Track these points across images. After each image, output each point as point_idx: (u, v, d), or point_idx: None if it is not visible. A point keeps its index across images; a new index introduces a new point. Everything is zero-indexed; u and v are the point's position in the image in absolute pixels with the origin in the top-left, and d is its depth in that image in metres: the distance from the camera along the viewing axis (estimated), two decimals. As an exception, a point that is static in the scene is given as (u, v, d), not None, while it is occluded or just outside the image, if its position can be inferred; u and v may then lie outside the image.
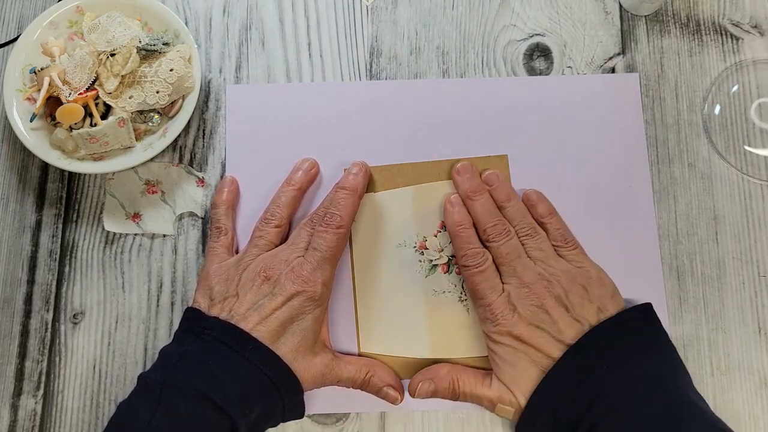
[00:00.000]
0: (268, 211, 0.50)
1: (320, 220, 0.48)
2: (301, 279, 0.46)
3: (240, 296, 0.46)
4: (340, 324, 0.50)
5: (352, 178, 0.50)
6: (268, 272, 0.46)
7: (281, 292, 0.45)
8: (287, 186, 0.51)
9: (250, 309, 0.45)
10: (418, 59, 0.56)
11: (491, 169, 0.52)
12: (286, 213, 0.50)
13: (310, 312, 0.46)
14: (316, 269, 0.46)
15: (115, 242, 0.52)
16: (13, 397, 0.50)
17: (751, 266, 0.51)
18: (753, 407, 0.49)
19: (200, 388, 0.42)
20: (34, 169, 0.54)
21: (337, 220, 0.47)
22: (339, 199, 0.48)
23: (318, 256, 0.46)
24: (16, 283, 0.52)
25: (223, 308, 0.46)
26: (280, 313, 0.45)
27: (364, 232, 0.52)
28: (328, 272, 0.47)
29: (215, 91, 0.55)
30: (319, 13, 0.57)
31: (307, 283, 0.46)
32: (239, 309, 0.45)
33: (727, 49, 0.56)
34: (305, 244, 0.48)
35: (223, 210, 0.51)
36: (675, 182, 0.53)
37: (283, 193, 0.51)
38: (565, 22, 0.56)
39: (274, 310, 0.45)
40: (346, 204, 0.48)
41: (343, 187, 0.49)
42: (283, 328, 0.45)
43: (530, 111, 0.54)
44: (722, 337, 0.50)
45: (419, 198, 0.52)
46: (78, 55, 0.51)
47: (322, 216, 0.48)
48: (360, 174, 0.50)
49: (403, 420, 0.49)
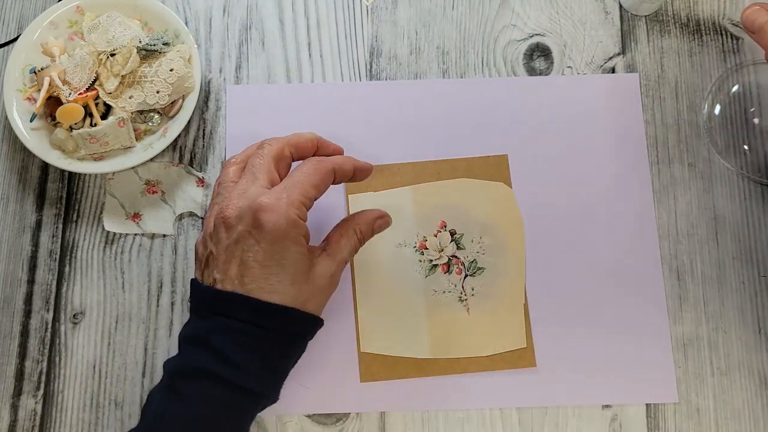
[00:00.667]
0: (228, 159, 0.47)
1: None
2: (258, 205, 0.41)
3: (214, 252, 0.42)
4: (340, 324, 0.50)
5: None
6: (225, 213, 0.42)
7: (245, 229, 0.41)
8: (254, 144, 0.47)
9: (225, 262, 0.41)
10: (418, 59, 0.56)
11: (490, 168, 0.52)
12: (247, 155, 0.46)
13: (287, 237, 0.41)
14: (280, 194, 0.41)
15: (115, 242, 0.52)
16: (13, 397, 0.50)
17: (751, 266, 0.51)
18: (753, 407, 0.49)
19: (205, 367, 0.40)
20: (34, 169, 0.54)
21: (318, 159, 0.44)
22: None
23: (287, 183, 0.42)
24: (16, 283, 0.52)
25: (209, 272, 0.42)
26: (253, 253, 0.41)
27: None
28: (297, 196, 0.42)
29: (215, 91, 0.55)
30: (319, 13, 0.57)
31: (267, 208, 0.41)
32: (218, 266, 0.42)
33: (727, 49, 0.56)
34: (264, 170, 0.43)
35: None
36: (675, 182, 0.53)
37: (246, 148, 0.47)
38: (565, 22, 0.56)
39: (245, 251, 0.41)
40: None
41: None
42: (266, 268, 0.41)
43: (530, 111, 0.54)
44: (722, 337, 0.50)
45: (419, 198, 0.52)
46: (78, 55, 0.51)
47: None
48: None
49: (403, 420, 0.49)
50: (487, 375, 0.49)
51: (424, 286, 0.51)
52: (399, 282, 0.51)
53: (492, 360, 0.49)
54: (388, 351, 0.50)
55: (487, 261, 0.51)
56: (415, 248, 0.51)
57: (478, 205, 0.52)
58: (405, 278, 0.51)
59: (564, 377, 0.49)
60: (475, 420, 0.49)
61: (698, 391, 0.49)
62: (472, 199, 0.52)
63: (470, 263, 0.51)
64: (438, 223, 0.52)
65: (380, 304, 0.50)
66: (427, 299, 0.50)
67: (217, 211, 0.43)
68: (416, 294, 0.51)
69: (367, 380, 0.49)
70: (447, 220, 0.52)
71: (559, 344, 0.50)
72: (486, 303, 0.50)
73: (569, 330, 0.50)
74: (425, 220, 0.52)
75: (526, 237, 0.52)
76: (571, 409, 0.49)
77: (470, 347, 0.50)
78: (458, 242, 0.51)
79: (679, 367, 0.50)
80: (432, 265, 0.51)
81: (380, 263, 0.51)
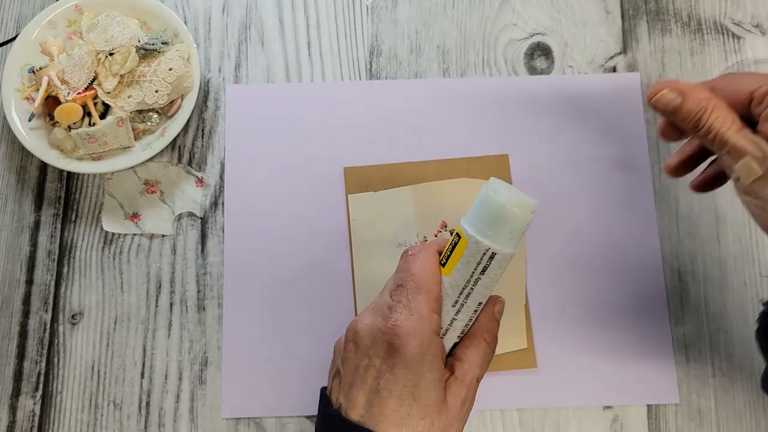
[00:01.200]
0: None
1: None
2: (392, 326, 0.37)
3: (341, 371, 0.39)
4: (339, 324, 0.50)
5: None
6: (356, 329, 0.39)
7: (377, 354, 0.37)
8: None
9: (352, 387, 0.38)
10: (418, 58, 0.56)
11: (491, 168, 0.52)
12: None
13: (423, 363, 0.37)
14: (406, 308, 0.38)
15: (113, 242, 0.52)
16: (11, 397, 0.50)
17: (752, 266, 0.51)
18: (755, 408, 0.49)
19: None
20: (32, 168, 0.54)
21: (418, 249, 0.40)
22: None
23: (406, 292, 0.38)
24: (14, 283, 0.52)
25: (338, 392, 0.39)
26: (384, 381, 0.37)
27: (364, 231, 0.51)
28: (423, 307, 0.38)
29: (214, 91, 0.55)
30: (319, 13, 0.57)
31: (400, 329, 0.37)
32: (344, 390, 0.38)
33: (729, 48, 0.55)
34: (393, 281, 0.40)
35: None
36: (676, 182, 0.53)
37: None
38: (566, 21, 0.56)
39: (375, 379, 0.37)
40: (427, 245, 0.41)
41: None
42: (397, 399, 0.37)
43: (532, 110, 0.54)
44: (724, 337, 0.50)
45: (419, 197, 0.52)
46: (77, 55, 0.51)
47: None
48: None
49: (403, 421, 0.49)
50: (487, 375, 0.49)
51: None
52: None
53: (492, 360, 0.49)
54: None
55: (488, 261, 0.51)
56: None
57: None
58: None
59: (565, 378, 0.49)
60: (476, 421, 0.49)
61: (699, 392, 0.49)
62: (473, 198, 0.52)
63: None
64: (438, 223, 0.52)
65: None
66: None
67: (352, 324, 0.39)
68: None
69: None
70: (447, 220, 0.52)
71: (559, 345, 0.50)
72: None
73: (570, 331, 0.50)
74: (426, 219, 0.52)
75: (526, 238, 0.52)
76: (572, 410, 0.49)
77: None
78: None
79: (681, 368, 0.49)
80: (432, 265, 0.51)
81: (380, 263, 0.51)
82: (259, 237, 0.52)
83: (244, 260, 0.51)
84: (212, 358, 0.50)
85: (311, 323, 0.50)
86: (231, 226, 0.52)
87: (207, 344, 0.50)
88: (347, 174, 0.53)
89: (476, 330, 0.41)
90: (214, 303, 0.51)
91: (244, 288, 0.51)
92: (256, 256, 0.51)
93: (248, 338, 0.50)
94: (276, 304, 0.51)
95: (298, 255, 0.51)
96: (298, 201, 0.52)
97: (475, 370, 0.39)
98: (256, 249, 0.51)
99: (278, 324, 0.50)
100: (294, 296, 0.51)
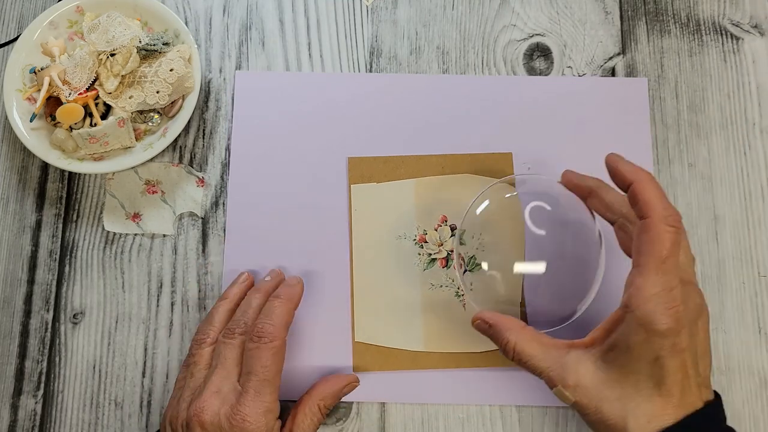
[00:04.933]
0: (199, 330, 0.46)
1: (249, 332, 0.43)
2: (241, 419, 0.40)
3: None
4: (335, 313, 0.50)
5: (288, 290, 0.46)
6: (201, 416, 0.40)
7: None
8: (221, 301, 0.47)
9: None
10: (418, 59, 0.56)
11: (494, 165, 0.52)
12: (220, 329, 0.46)
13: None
14: (255, 399, 0.41)
15: (115, 242, 0.52)
16: (13, 396, 0.50)
17: (751, 266, 0.51)
18: (753, 408, 0.49)
19: None
20: (34, 169, 0.54)
21: (270, 333, 0.42)
22: (273, 308, 0.44)
23: (255, 382, 0.41)
24: (16, 283, 0.52)
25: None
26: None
27: (365, 222, 0.52)
28: (269, 398, 0.41)
29: (215, 91, 0.55)
30: (319, 13, 0.57)
31: (249, 423, 0.40)
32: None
33: (727, 49, 0.56)
34: (234, 363, 0.43)
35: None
36: (675, 182, 0.53)
37: (216, 310, 0.47)
38: (565, 22, 0.56)
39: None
40: (281, 312, 0.44)
41: (278, 296, 0.45)
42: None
43: (538, 111, 0.54)
44: (722, 337, 0.50)
45: (421, 191, 0.52)
46: (78, 55, 0.51)
47: (251, 329, 0.43)
48: (298, 286, 0.47)
49: (403, 420, 0.49)
50: (487, 372, 0.50)
51: (421, 280, 0.51)
52: (397, 274, 0.51)
53: (486, 357, 0.50)
54: (381, 342, 0.50)
55: (487, 258, 0.51)
56: (415, 241, 0.51)
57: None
58: (403, 270, 0.51)
59: (564, 377, 0.49)
60: (475, 419, 0.49)
61: (698, 391, 0.49)
62: (475, 195, 0.52)
63: (469, 259, 0.51)
64: (439, 218, 0.52)
65: (376, 295, 0.51)
66: (423, 293, 0.50)
67: (193, 407, 0.41)
68: (413, 287, 0.51)
69: (360, 370, 0.49)
70: (448, 214, 0.52)
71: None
72: (483, 300, 0.50)
73: (566, 329, 0.50)
74: (426, 213, 0.52)
75: (525, 237, 0.52)
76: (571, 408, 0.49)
77: (465, 343, 0.50)
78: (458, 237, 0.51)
79: (679, 367, 0.50)
80: (431, 259, 0.51)
81: (379, 254, 0.51)
82: (259, 230, 0.52)
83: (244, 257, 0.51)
84: (213, 358, 0.50)
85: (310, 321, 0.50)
86: (232, 221, 0.52)
87: (208, 343, 0.50)
88: (351, 164, 0.53)
89: (314, 396, 0.45)
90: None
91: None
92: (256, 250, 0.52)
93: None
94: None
95: (299, 250, 0.52)
96: (300, 189, 0.53)
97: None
98: (256, 242, 0.52)
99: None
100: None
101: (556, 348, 0.40)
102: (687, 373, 0.36)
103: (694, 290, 0.39)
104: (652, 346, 0.36)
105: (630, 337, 0.36)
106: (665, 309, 0.35)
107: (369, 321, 0.50)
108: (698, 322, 0.38)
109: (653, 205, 0.37)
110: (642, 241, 0.37)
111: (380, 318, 0.50)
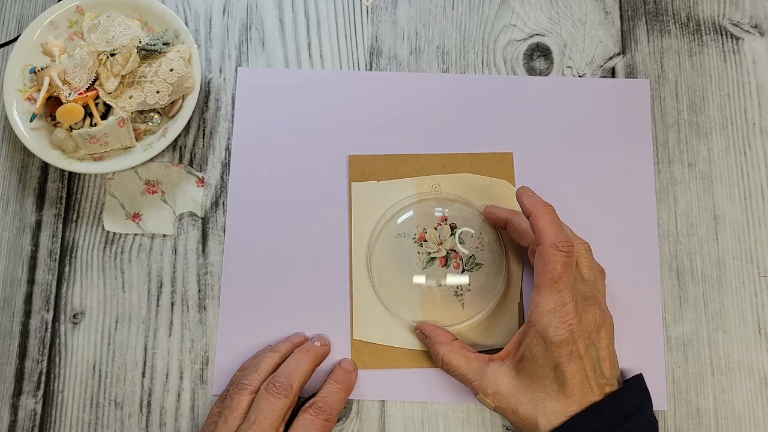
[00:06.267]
0: (244, 375, 0.46)
1: (306, 404, 0.45)
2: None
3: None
4: (334, 310, 0.50)
5: (346, 376, 0.48)
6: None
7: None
8: (271, 352, 0.48)
9: None
10: (418, 59, 0.56)
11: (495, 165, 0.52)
12: (263, 379, 0.46)
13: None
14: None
15: (115, 242, 0.52)
16: (12, 397, 0.50)
17: (751, 266, 0.51)
18: (753, 407, 0.49)
19: None
20: (34, 169, 0.54)
21: (325, 411, 0.45)
22: (332, 393, 0.46)
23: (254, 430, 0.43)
24: (16, 283, 0.52)
25: None
26: None
27: (365, 219, 0.52)
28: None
29: (215, 91, 0.55)
30: (319, 13, 0.57)
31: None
32: None
33: (727, 49, 0.56)
34: (272, 426, 0.44)
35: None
36: (675, 182, 0.53)
37: (263, 359, 0.47)
38: (565, 22, 0.56)
39: None
40: (338, 400, 0.46)
41: (337, 381, 0.47)
42: None
43: (539, 112, 0.54)
44: (722, 337, 0.50)
45: (422, 190, 0.52)
46: (78, 55, 0.51)
47: (313, 402, 0.45)
48: (354, 373, 0.49)
49: (403, 420, 0.49)
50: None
51: (420, 278, 0.51)
52: (396, 272, 0.51)
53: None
54: (379, 340, 0.50)
55: (486, 258, 0.51)
56: (414, 240, 0.51)
57: (480, 201, 0.52)
58: (402, 268, 0.51)
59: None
60: (475, 419, 0.49)
61: (698, 391, 0.49)
62: (475, 194, 0.52)
63: (468, 258, 0.51)
64: (439, 217, 0.52)
65: (375, 293, 0.51)
66: (422, 291, 0.50)
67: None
68: (412, 285, 0.51)
69: (358, 368, 0.49)
70: (448, 214, 0.52)
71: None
72: (481, 299, 0.50)
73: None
74: (426, 212, 0.52)
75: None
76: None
77: (464, 342, 0.50)
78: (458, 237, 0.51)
79: (679, 367, 0.50)
80: (430, 257, 0.51)
81: (379, 252, 0.51)
82: (259, 230, 0.52)
83: (244, 257, 0.51)
84: (213, 358, 0.50)
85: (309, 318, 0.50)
86: (232, 221, 0.52)
87: (208, 343, 0.50)
88: (352, 162, 0.53)
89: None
90: (215, 302, 0.51)
91: (243, 284, 0.51)
92: (256, 250, 0.52)
93: (246, 336, 0.50)
94: (273, 298, 0.51)
95: (299, 248, 0.52)
96: (301, 187, 0.53)
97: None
98: (256, 242, 0.52)
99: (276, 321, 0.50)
100: (292, 292, 0.51)
101: (477, 360, 0.46)
102: (587, 376, 0.41)
103: (594, 303, 0.44)
104: (551, 355, 0.41)
105: (533, 348, 0.42)
106: (559, 323, 0.41)
107: (367, 319, 0.50)
108: (600, 331, 0.43)
109: (545, 233, 0.42)
110: (537, 264, 0.43)
111: (379, 316, 0.50)
